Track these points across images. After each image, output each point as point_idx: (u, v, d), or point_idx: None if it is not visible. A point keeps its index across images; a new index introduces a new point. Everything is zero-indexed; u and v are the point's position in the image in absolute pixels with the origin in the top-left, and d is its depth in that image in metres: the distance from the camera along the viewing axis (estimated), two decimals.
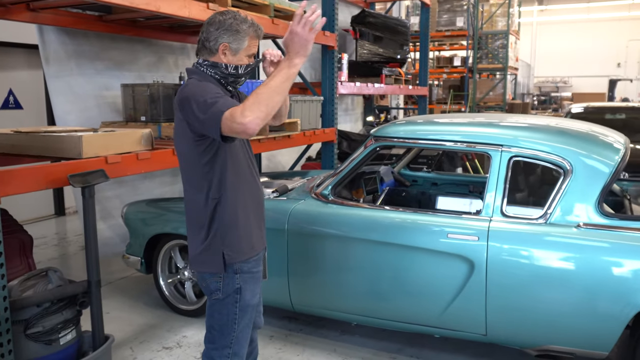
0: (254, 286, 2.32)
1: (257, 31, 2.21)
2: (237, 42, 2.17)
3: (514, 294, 2.84)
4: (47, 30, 4.25)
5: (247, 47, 2.19)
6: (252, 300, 2.31)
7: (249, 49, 2.20)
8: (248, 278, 2.28)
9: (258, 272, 2.35)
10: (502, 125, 3.25)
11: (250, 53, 2.22)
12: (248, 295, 2.28)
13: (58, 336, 2.79)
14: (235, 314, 2.27)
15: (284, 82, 1.97)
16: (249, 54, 2.21)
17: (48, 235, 6.15)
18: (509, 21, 15.19)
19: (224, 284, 2.24)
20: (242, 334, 2.31)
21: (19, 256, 3.31)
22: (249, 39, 2.19)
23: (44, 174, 2.67)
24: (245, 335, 2.33)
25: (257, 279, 2.35)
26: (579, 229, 2.77)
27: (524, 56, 26.81)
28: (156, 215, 3.99)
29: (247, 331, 2.34)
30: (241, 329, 2.31)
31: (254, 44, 2.21)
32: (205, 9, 3.62)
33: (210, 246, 2.21)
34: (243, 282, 2.26)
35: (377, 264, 3.15)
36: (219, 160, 2.16)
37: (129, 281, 4.67)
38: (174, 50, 5.43)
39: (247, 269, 2.27)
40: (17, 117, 6.46)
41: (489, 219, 2.94)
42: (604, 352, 2.76)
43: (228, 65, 2.18)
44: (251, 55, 2.23)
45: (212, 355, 2.31)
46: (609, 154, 2.90)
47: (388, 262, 3.12)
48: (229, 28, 2.16)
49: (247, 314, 2.31)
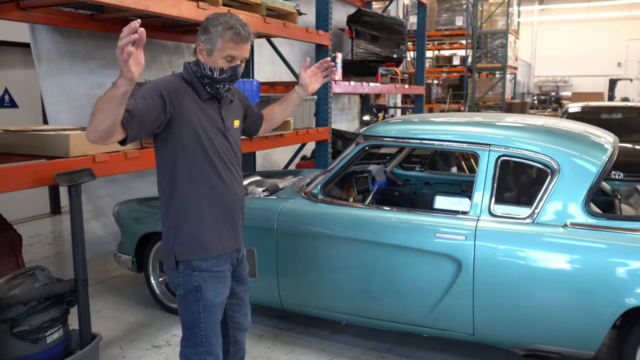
0: (217, 285, 2.28)
1: (233, 35, 2.15)
2: (209, 43, 2.18)
3: (501, 293, 2.84)
4: (39, 29, 4.24)
5: (220, 49, 2.17)
6: (216, 299, 2.28)
7: (222, 51, 2.17)
8: (208, 277, 2.26)
9: (222, 271, 2.30)
10: (490, 124, 3.24)
11: (226, 55, 2.17)
12: (210, 294, 2.26)
13: (45, 335, 2.79)
14: (199, 312, 2.26)
15: (106, 102, 1.82)
16: (225, 57, 2.18)
17: (43, 234, 6.15)
18: (508, 20, 15.17)
19: (183, 280, 2.26)
20: (211, 333, 2.30)
21: (7, 255, 3.32)
22: (222, 41, 2.16)
23: (30, 172, 2.67)
24: (215, 334, 2.32)
25: (220, 278, 2.30)
26: (565, 228, 2.77)
27: (524, 56, 26.77)
28: (147, 214, 3.99)
29: (215, 330, 2.32)
30: (209, 328, 2.29)
31: (229, 46, 2.17)
32: (195, 8, 3.62)
33: (167, 241, 2.28)
34: (202, 280, 2.24)
35: (365, 263, 3.14)
36: (168, 157, 2.21)
37: (121, 280, 4.68)
38: (167, 49, 5.43)
39: (206, 267, 2.25)
40: (13, 116, 6.46)
41: (476, 218, 2.94)
42: (591, 352, 2.75)
43: (205, 65, 2.20)
44: (229, 58, 2.19)
45: (186, 353, 2.33)
46: (597, 154, 2.89)
47: (376, 262, 3.12)
48: (204, 28, 2.21)
49: (212, 314, 2.29)
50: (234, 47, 2.18)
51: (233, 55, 2.20)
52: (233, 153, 2.36)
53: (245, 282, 2.55)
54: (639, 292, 2.58)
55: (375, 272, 3.13)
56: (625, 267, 2.62)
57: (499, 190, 2.99)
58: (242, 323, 2.57)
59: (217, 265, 2.28)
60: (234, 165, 2.35)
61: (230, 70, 2.21)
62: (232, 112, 2.40)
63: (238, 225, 2.39)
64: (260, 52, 6.39)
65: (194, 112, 2.20)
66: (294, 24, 4.77)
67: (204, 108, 2.25)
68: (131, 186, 4.92)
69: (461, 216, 3.00)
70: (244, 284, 2.55)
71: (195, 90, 2.23)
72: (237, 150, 2.39)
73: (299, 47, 7.20)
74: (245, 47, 2.22)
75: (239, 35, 2.17)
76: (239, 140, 2.43)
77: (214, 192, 2.26)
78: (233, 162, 2.35)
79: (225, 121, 2.32)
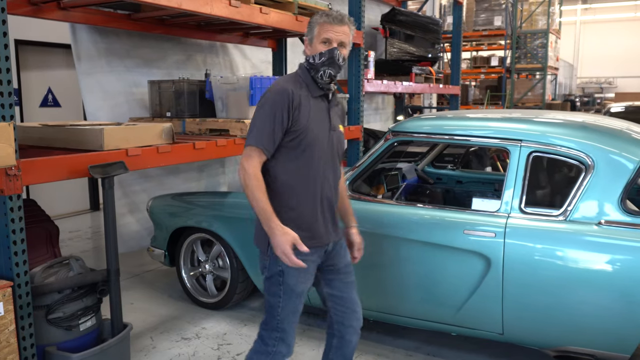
0: (300, 272, 2.29)
1: (326, 17, 2.28)
2: (310, 33, 2.33)
3: (532, 292, 2.77)
4: (79, 29, 4.39)
5: (317, 35, 2.29)
6: (297, 286, 2.31)
7: (319, 36, 2.28)
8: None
9: (305, 260, 2.26)
10: (521, 120, 3.17)
11: (322, 39, 2.27)
12: (292, 280, 2.30)
13: (78, 322, 2.87)
14: (279, 297, 2.31)
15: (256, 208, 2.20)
16: (322, 41, 2.27)
17: (82, 229, 6.34)
18: (549, 20, 14.83)
19: (269, 263, 2.33)
20: (287, 321, 2.33)
21: (45, 245, 3.43)
22: (318, 27, 2.29)
23: (65, 164, 2.75)
24: (290, 322, 2.34)
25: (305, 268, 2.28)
26: (600, 226, 2.68)
27: (566, 56, 26.09)
28: (180, 208, 4.06)
29: (291, 319, 2.34)
30: (285, 314, 2.32)
31: (324, 29, 2.27)
32: (227, 6, 3.67)
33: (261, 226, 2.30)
34: (285, 266, 2.27)
35: (393, 260, 3.12)
36: (278, 154, 2.30)
37: (154, 274, 4.78)
38: (202, 48, 5.53)
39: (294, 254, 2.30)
40: (56, 115, 6.70)
41: (506, 215, 2.88)
42: (626, 355, 2.66)
43: (309, 56, 2.31)
44: (325, 40, 2.27)
45: (262, 335, 2.40)
46: (634, 150, 2.79)
47: (404, 258, 3.10)
48: (308, 24, 2.36)
49: (291, 300, 2.32)
50: (328, 28, 2.27)
51: (328, 37, 2.27)
52: (335, 151, 2.40)
53: (340, 271, 2.48)
54: None
55: (403, 269, 3.11)
56: None
57: (530, 187, 2.92)
58: (347, 319, 2.50)
59: (302, 254, 2.25)
60: (334, 163, 2.40)
61: (328, 53, 2.25)
62: (336, 115, 2.46)
63: (333, 221, 2.42)
64: (293, 51, 6.43)
65: (305, 113, 2.29)
66: None
67: (314, 105, 2.33)
68: (165, 182, 5.03)
69: (491, 213, 2.94)
70: (340, 273, 2.48)
71: (307, 87, 2.33)
72: (339, 150, 2.44)
73: None
74: (340, 29, 2.28)
75: (330, 16, 2.28)
76: (342, 141, 2.47)
77: (311, 186, 2.32)
78: (335, 160, 2.40)
79: (331, 120, 2.39)
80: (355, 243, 2.58)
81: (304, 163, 2.30)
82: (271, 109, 2.24)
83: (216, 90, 4.18)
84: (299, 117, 2.27)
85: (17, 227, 2.51)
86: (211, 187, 5.48)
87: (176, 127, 4.12)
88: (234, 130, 3.90)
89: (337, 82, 5.91)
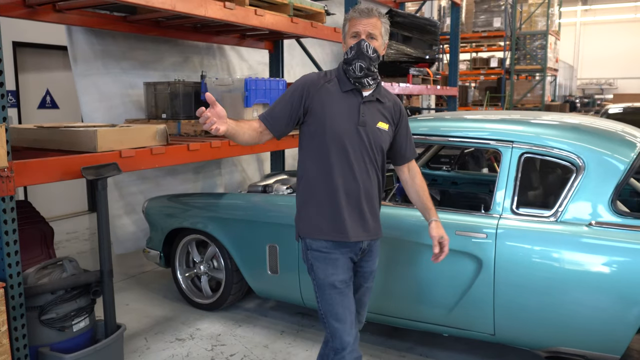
0: (327, 266, 2.33)
1: (352, 12, 2.34)
2: (343, 31, 2.40)
3: (523, 293, 2.78)
4: (75, 31, 4.40)
5: (348, 30, 2.35)
6: (326, 279, 2.33)
7: (349, 31, 2.34)
8: (318, 256, 2.35)
9: (331, 253, 2.34)
10: (513, 121, 3.19)
11: (352, 33, 2.32)
12: (320, 273, 2.34)
13: (71, 323, 2.88)
14: (316, 291, 2.39)
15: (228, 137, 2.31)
16: (351, 35, 2.32)
17: (80, 230, 6.36)
18: (548, 21, 14.82)
19: (305, 257, 2.44)
20: (329, 313, 2.34)
21: (39, 246, 3.44)
22: (348, 23, 2.35)
23: (57, 166, 2.76)
24: (332, 314, 2.33)
25: (330, 260, 2.34)
26: (590, 227, 2.69)
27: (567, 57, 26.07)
28: (175, 210, 4.08)
29: (332, 310, 2.33)
30: (325, 307, 2.35)
31: (352, 24, 2.32)
32: (222, 8, 3.67)
33: (295, 217, 2.49)
34: (314, 259, 2.36)
35: (384, 260, 3.13)
36: (303, 142, 2.43)
37: (150, 275, 4.79)
38: (199, 50, 5.54)
39: (316, 247, 2.35)
40: (54, 117, 6.72)
41: (498, 216, 2.89)
42: (616, 356, 2.66)
43: (344, 53, 2.36)
44: (354, 34, 2.31)
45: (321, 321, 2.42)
46: (624, 151, 2.80)
47: (396, 259, 3.11)
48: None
49: (325, 293, 2.34)
50: (356, 23, 2.31)
51: (356, 31, 2.30)
52: (366, 148, 2.34)
53: (365, 277, 2.50)
54: None
55: (394, 269, 3.12)
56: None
57: (522, 188, 2.93)
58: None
59: (327, 248, 2.34)
60: (364, 160, 2.34)
61: (356, 46, 2.28)
62: (377, 112, 2.40)
63: (363, 219, 2.37)
64: (291, 53, 6.45)
65: (327, 104, 2.33)
66: (321, 24, 4.79)
67: (341, 100, 2.35)
68: (162, 184, 5.04)
69: (482, 214, 2.95)
70: (364, 278, 2.50)
71: (339, 81, 2.37)
72: (373, 147, 2.36)
73: (330, 47, 7.23)
74: (368, 21, 2.30)
75: (357, 10, 2.33)
76: (381, 139, 2.39)
77: (328, 179, 2.32)
78: (364, 157, 2.34)
79: (362, 115, 2.34)
80: (432, 238, 2.49)
81: (321, 155, 2.34)
82: (288, 92, 2.40)
83: (211, 91, 4.18)
84: (314, 104, 2.33)
85: (10, 229, 2.52)
86: (208, 188, 5.49)
87: (172, 128, 4.14)
88: None
89: None
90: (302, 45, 5.79)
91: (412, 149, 2.60)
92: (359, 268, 2.48)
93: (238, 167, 5.86)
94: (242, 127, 2.33)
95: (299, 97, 2.36)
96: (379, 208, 2.48)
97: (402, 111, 2.51)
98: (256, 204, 3.72)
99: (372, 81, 2.36)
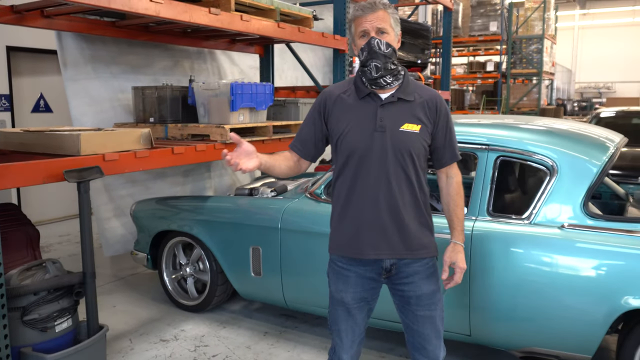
0: (338, 281, 2.26)
1: (355, 10, 2.17)
2: (350, 33, 2.23)
3: (497, 294, 2.82)
4: (65, 36, 4.46)
5: (355, 31, 2.18)
6: (335, 294, 2.26)
7: (356, 31, 2.17)
8: (333, 269, 2.29)
9: (343, 269, 2.23)
10: (489, 125, 3.24)
11: (359, 32, 2.15)
12: (332, 286, 2.29)
13: (54, 324, 2.93)
14: (329, 300, 2.32)
15: None
16: (359, 35, 2.15)
17: (72, 233, 6.41)
18: (544, 25, 14.90)
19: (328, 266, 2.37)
20: (335, 325, 2.29)
21: (25, 248, 3.49)
22: (353, 24, 2.18)
23: (40, 169, 2.81)
24: (337, 328, 2.28)
25: (341, 275, 2.24)
26: (563, 229, 2.74)
27: (565, 61, 26.15)
28: (162, 212, 4.13)
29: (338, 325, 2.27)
30: (332, 319, 2.30)
31: (358, 22, 2.15)
32: (207, 14, 3.73)
33: None
34: (330, 271, 2.31)
35: None
36: (333, 159, 2.31)
37: (139, 277, 4.84)
38: (190, 54, 5.60)
39: (333, 260, 2.29)
40: (47, 120, 6.78)
41: (474, 218, 2.93)
42: (587, 356, 2.70)
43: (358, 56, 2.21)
44: (362, 33, 2.14)
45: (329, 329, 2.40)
46: (596, 154, 2.85)
47: None
48: None
49: (333, 306, 2.28)
50: (361, 20, 2.13)
51: (363, 29, 2.13)
52: (387, 155, 2.13)
53: (410, 302, 2.21)
54: (635, 294, 2.52)
55: None
56: (622, 269, 2.57)
57: (497, 191, 2.98)
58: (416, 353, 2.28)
59: (341, 262, 2.25)
60: (386, 168, 2.13)
61: (366, 45, 2.11)
62: (402, 112, 2.17)
63: (384, 234, 2.15)
64: (282, 57, 6.51)
65: (342, 115, 2.21)
66: (309, 29, 4.85)
67: (358, 108, 2.20)
68: (152, 187, 5.09)
69: None
70: (410, 303, 2.22)
71: (356, 89, 2.22)
72: (398, 153, 2.12)
73: (322, 52, 7.29)
74: (373, 16, 2.11)
75: (360, 8, 2.15)
76: (408, 143, 2.13)
77: (353, 194, 2.18)
78: (387, 165, 2.13)
79: (380, 120, 2.14)
80: (444, 262, 2.25)
81: (340, 168, 2.23)
82: (310, 111, 2.34)
83: (198, 96, 4.25)
84: (331, 118, 2.23)
85: None
86: (197, 192, 5.54)
87: (159, 132, 4.20)
88: (215, 136, 3.97)
89: (324, 87, 5.97)
90: (292, 50, 5.84)
91: (452, 153, 2.27)
92: (397, 291, 2.25)
93: (228, 170, 5.91)
94: (277, 159, 2.28)
95: (319, 114, 2.27)
96: (422, 221, 2.21)
97: (439, 107, 2.20)
98: (240, 207, 3.77)
99: (392, 79, 2.15)
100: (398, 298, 2.26)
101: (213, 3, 3.86)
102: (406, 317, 2.26)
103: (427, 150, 2.20)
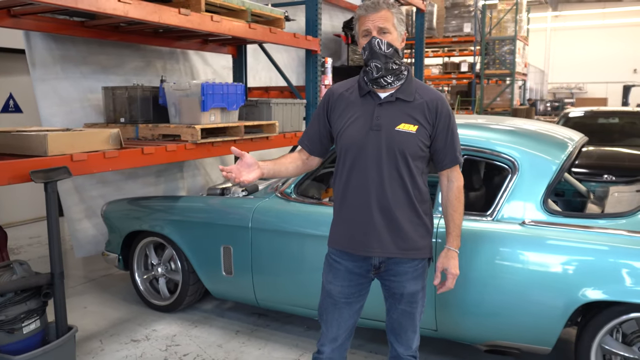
0: (329, 273, 2.34)
1: (358, 10, 2.20)
2: (355, 33, 2.27)
3: (460, 289, 2.89)
4: (33, 36, 4.42)
5: (358, 30, 2.22)
6: (326, 285, 2.34)
7: (359, 30, 2.20)
8: (327, 260, 2.37)
9: (336, 262, 2.31)
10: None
11: (362, 32, 2.18)
12: (323, 276, 2.37)
13: (21, 325, 2.91)
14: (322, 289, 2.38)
15: None
16: (362, 35, 2.19)
17: (42, 235, 6.32)
18: (516, 27, 15.15)
19: None
20: (324, 314, 2.35)
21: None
22: (357, 23, 2.22)
23: (6, 170, 2.80)
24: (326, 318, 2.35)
25: (333, 267, 2.32)
26: (523, 225, 2.82)
27: (538, 62, 26.60)
28: (133, 213, 4.12)
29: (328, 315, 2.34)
30: (323, 308, 2.36)
31: (361, 22, 2.19)
32: (177, 14, 3.73)
33: None
34: (325, 262, 2.39)
35: None
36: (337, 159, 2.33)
37: (110, 278, 4.81)
38: (162, 55, 5.58)
39: (329, 252, 2.37)
40: (17, 121, 6.68)
41: (439, 216, 3.00)
42: (547, 348, 2.79)
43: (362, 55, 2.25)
44: (365, 33, 2.17)
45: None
46: (556, 152, 2.95)
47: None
48: None
49: (324, 296, 2.35)
50: (364, 19, 2.17)
51: (365, 29, 2.16)
52: (382, 154, 2.15)
53: (396, 298, 2.29)
54: (591, 287, 2.62)
55: None
56: (578, 264, 2.67)
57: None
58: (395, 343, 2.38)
59: (334, 254, 2.32)
60: (380, 167, 2.16)
61: (367, 45, 2.15)
62: (399, 112, 2.18)
63: (374, 232, 2.19)
64: (256, 57, 6.53)
65: (342, 113, 2.27)
66: (280, 30, 4.88)
67: (358, 106, 2.24)
68: (123, 187, 5.06)
69: None
70: (394, 298, 2.30)
71: (359, 87, 2.27)
72: (392, 152, 2.15)
73: (296, 52, 7.32)
74: (376, 15, 2.13)
75: (363, 7, 2.18)
76: (403, 143, 2.14)
77: (347, 190, 2.24)
78: (381, 164, 2.16)
79: (377, 118, 2.17)
80: (436, 267, 2.33)
81: (338, 165, 2.30)
82: (316, 108, 2.41)
83: (169, 96, 4.24)
84: (333, 116, 2.30)
85: None
86: (170, 192, 5.53)
87: (130, 132, 4.18)
88: (185, 136, 3.97)
89: (297, 87, 6.02)
90: (265, 50, 5.87)
91: (452, 156, 2.26)
92: (384, 283, 2.33)
93: (201, 171, 5.91)
94: (283, 162, 2.37)
95: (323, 111, 2.35)
96: (418, 222, 2.23)
97: (440, 109, 2.20)
98: (212, 206, 3.79)
99: (393, 78, 2.17)
100: (385, 289, 2.36)
101: (183, 4, 3.87)
102: (388, 304, 2.37)
103: (424, 151, 2.21)
